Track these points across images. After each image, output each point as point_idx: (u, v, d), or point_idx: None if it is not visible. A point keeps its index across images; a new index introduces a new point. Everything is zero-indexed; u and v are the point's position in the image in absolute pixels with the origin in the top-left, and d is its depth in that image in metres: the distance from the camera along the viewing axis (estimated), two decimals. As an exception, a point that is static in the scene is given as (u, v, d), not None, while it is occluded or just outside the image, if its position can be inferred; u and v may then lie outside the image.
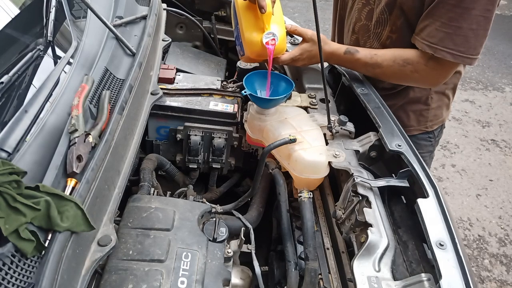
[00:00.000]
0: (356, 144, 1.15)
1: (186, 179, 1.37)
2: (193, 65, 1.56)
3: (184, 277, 0.85)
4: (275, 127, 1.15)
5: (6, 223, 0.61)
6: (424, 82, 1.32)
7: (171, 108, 1.27)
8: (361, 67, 1.31)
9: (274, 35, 1.13)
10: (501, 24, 5.61)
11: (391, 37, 1.31)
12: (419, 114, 1.46)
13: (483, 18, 1.12)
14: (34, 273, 0.64)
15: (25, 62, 0.98)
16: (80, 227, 0.72)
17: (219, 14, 1.82)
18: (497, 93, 4.32)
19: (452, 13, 1.12)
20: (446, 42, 1.15)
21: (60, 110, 0.88)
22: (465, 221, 2.79)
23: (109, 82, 1.04)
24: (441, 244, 0.83)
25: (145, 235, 0.92)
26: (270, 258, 1.20)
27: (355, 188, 1.00)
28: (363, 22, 1.37)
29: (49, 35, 1.11)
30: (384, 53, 1.26)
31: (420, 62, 1.22)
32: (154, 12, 1.38)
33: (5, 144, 0.78)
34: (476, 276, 2.43)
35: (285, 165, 1.13)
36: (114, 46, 1.15)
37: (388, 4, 1.25)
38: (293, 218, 1.19)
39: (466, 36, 1.14)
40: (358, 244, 0.96)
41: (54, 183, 0.73)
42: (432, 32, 1.17)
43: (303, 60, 1.29)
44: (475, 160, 3.35)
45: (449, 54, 1.16)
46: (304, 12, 5.56)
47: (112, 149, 0.89)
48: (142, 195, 1.06)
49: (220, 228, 1.00)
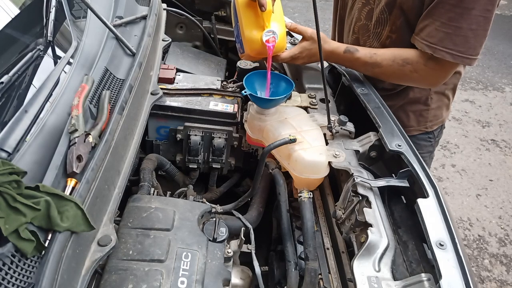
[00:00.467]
0: (356, 144, 1.15)
1: (186, 179, 1.37)
2: (193, 65, 1.56)
3: (184, 277, 0.85)
4: (275, 127, 1.15)
5: (6, 223, 0.61)
6: (424, 82, 1.32)
7: (171, 108, 1.27)
8: (361, 66, 1.31)
9: (274, 33, 1.12)
10: (501, 24, 5.61)
11: (391, 37, 1.30)
12: (419, 115, 1.46)
13: (483, 18, 1.12)
14: (34, 273, 0.64)
15: (25, 62, 0.98)
16: (80, 227, 0.72)
17: (219, 14, 1.82)
18: (497, 93, 4.32)
19: (452, 13, 1.12)
20: (446, 42, 1.15)
21: (60, 110, 0.88)
22: (465, 221, 2.79)
23: (109, 82, 1.04)
24: (441, 244, 0.83)
25: (145, 235, 0.92)
26: (270, 258, 1.20)
27: (355, 188, 1.00)
28: (363, 22, 1.37)
29: (49, 35, 1.11)
30: (383, 52, 1.26)
31: (420, 62, 1.22)
32: (154, 12, 1.38)
33: (5, 144, 0.78)
34: (476, 276, 2.42)
35: (285, 165, 1.13)
36: (114, 46, 1.15)
37: (388, 3, 1.25)
38: (293, 218, 1.19)
39: (466, 36, 1.14)
40: (358, 244, 0.96)
41: (54, 183, 0.73)
42: (431, 32, 1.17)
43: (302, 59, 1.29)
44: (475, 160, 3.35)
45: (448, 54, 1.16)
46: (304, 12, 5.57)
47: (112, 149, 0.89)
48: (142, 195, 1.06)
49: (220, 228, 1.00)
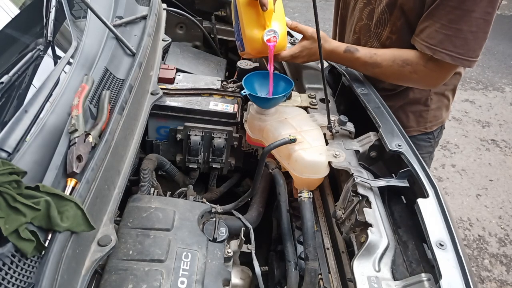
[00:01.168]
0: (356, 144, 1.15)
1: (186, 179, 1.37)
2: (193, 65, 1.56)
3: (184, 277, 0.85)
4: (275, 127, 1.15)
5: (6, 223, 0.61)
6: (423, 83, 1.32)
7: (171, 108, 1.27)
8: (361, 66, 1.31)
9: (275, 32, 1.12)
10: (501, 24, 5.61)
11: (391, 38, 1.30)
12: (418, 115, 1.46)
13: (483, 21, 1.12)
14: (34, 273, 0.64)
15: (25, 62, 0.98)
16: (80, 227, 0.72)
17: (219, 14, 1.82)
18: (497, 93, 4.32)
19: (452, 15, 1.12)
20: (446, 44, 1.15)
21: (60, 110, 0.88)
22: (465, 221, 2.79)
23: (109, 82, 1.03)
24: (441, 244, 0.82)
25: (145, 235, 0.92)
26: (270, 258, 1.20)
27: (355, 188, 1.00)
28: (364, 21, 1.37)
29: (49, 35, 1.11)
30: (383, 52, 1.26)
31: (419, 63, 1.22)
32: (154, 12, 1.38)
33: (5, 144, 0.78)
34: (476, 276, 2.42)
35: (285, 165, 1.13)
36: (114, 46, 1.15)
37: (389, 4, 1.25)
38: (293, 218, 1.19)
39: (466, 39, 1.13)
40: (358, 244, 0.96)
41: (54, 183, 0.73)
42: (431, 33, 1.17)
43: (302, 58, 1.29)
44: (475, 160, 3.35)
45: (448, 56, 1.16)
46: (304, 12, 5.57)
47: (112, 149, 0.89)
48: (142, 195, 1.06)
49: (220, 228, 1.00)
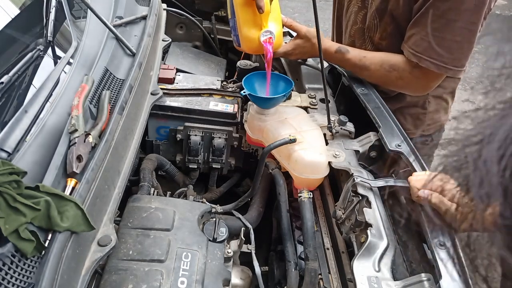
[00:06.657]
0: (356, 144, 1.15)
1: (186, 179, 1.37)
2: (193, 65, 1.56)
3: (184, 277, 0.85)
4: (275, 127, 1.15)
5: (6, 223, 0.61)
6: (408, 89, 1.32)
7: (171, 108, 1.27)
8: (350, 68, 1.31)
9: (272, 33, 1.13)
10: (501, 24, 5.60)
11: (381, 43, 1.31)
12: (416, 118, 1.46)
13: (468, 31, 1.12)
14: (34, 273, 0.64)
15: (25, 62, 0.98)
16: (80, 227, 0.72)
17: (219, 14, 1.82)
18: (497, 93, 4.32)
19: (437, 23, 1.12)
20: (430, 52, 1.15)
21: (60, 110, 0.88)
22: (465, 221, 2.79)
23: (109, 82, 1.04)
24: (441, 244, 0.83)
25: (145, 235, 0.92)
26: (270, 258, 1.20)
27: (355, 188, 1.00)
28: (359, 25, 1.37)
29: (49, 35, 1.11)
30: (373, 56, 1.27)
31: (406, 69, 1.22)
32: (154, 12, 1.38)
33: (5, 144, 0.78)
34: (476, 276, 2.42)
35: (285, 165, 1.13)
36: (114, 46, 1.15)
37: (379, 9, 1.25)
38: (293, 218, 1.19)
39: (450, 48, 1.13)
40: (358, 244, 0.96)
41: (54, 183, 0.73)
42: (417, 41, 1.17)
43: (295, 55, 1.33)
44: (475, 160, 3.35)
45: (433, 65, 1.16)
46: (304, 12, 5.57)
47: (112, 149, 0.89)
48: (142, 195, 1.06)
49: (220, 228, 1.00)
